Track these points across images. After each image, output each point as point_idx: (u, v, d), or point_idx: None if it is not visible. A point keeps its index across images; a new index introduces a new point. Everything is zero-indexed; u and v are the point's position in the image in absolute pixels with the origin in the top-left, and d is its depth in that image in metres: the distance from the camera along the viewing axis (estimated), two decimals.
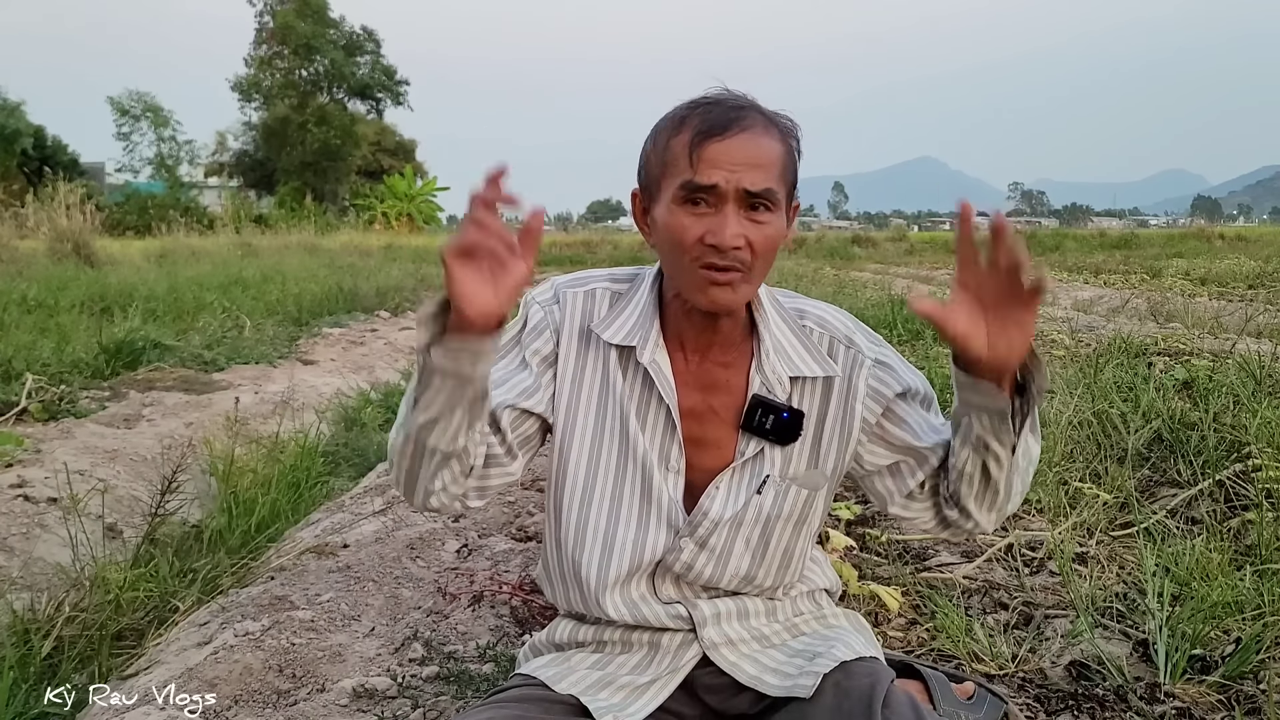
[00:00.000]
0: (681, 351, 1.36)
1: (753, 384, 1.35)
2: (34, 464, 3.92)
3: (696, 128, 1.23)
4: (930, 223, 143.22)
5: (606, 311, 1.38)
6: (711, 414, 1.36)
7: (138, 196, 35.56)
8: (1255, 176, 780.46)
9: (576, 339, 1.38)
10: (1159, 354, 5.44)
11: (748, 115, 1.24)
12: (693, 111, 1.26)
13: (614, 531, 1.37)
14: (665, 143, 1.27)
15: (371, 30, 53.26)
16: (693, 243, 1.23)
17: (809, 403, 1.36)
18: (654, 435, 1.36)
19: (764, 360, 1.35)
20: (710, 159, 1.22)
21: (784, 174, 1.26)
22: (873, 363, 1.37)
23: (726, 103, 1.26)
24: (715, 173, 1.21)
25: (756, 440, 1.35)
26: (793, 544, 1.41)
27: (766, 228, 1.23)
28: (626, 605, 1.38)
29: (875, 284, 12.23)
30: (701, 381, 1.36)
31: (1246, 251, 20.94)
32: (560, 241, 34.80)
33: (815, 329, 1.38)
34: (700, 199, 1.23)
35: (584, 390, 1.38)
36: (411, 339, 8.99)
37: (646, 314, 1.36)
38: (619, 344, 1.35)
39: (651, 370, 1.34)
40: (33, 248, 13.43)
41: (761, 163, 1.22)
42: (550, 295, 1.40)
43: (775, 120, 1.28)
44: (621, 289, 1.40)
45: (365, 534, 3.16)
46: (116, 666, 2.43)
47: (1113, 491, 3.15)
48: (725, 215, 1.22)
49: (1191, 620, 2.13)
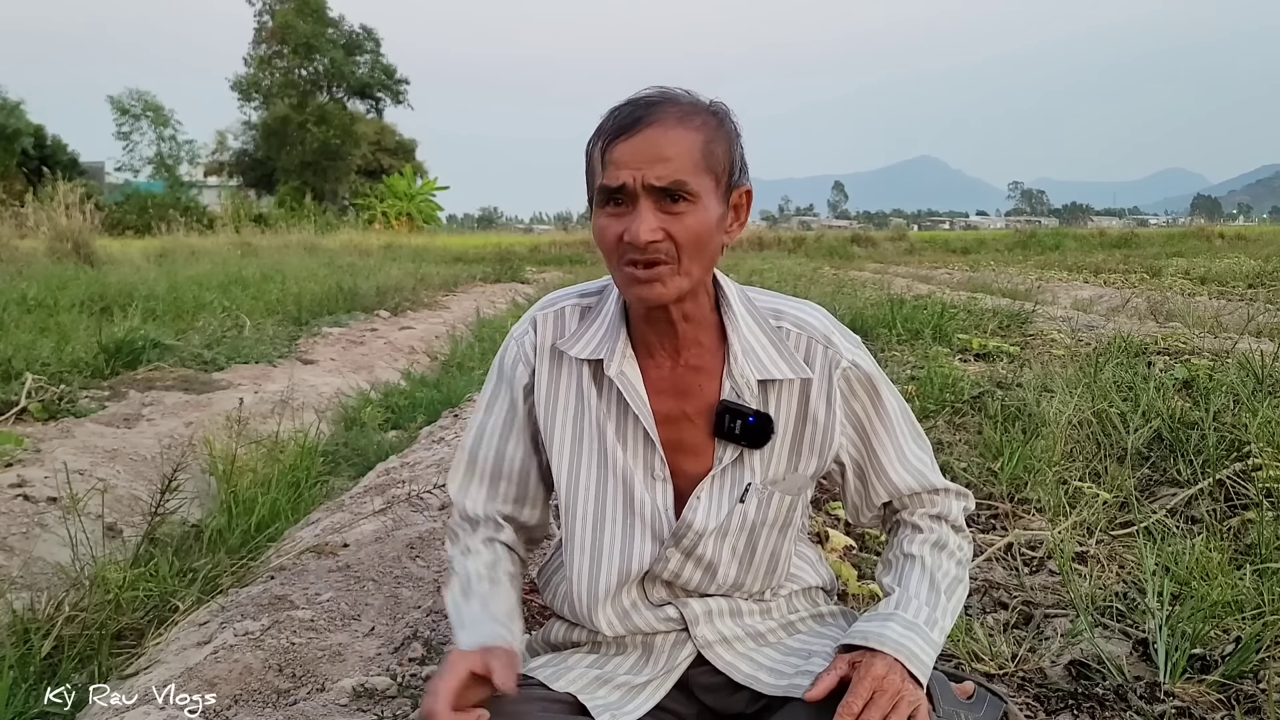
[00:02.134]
0: (652, 358, 1.36)
1: (723, 388, 1.35)
2: (34, 463, 3.92)
3: (606, 133, 1.25)
4: (930, 222, 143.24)
5: (576, 327, 1.39)
6: (686, 420, 1.36)
7: (137, 196, 35.60)
8: (1255, 175, 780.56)
9: (549, 360, 1.40)
10: (1159, 353, 5.45)
11: (658, 110, 1.24)
12: (608, 116, 1.27)
13: (600, 545, 1.37)
14: (588, 152, 1.29)
15: (371, 29, 53.35)
16: (613, 243, 1.25)
17: (784, 405, 1.36)
18: (633, 446, 1.36)
19: (733, 364, 1.34)
20: (616, 160, 1.22)
21: (703, 163, 1.24)
22: (849, 364, 1.37)
23: (640, 101, 1.26)
24: (622, 172, 1.22)
25: (733, 446, 1.35)
26: (779, 547, 1.41)
27: (685, 218, 1.23)
28: (619, 617, 1.39)
29: (875, 284, 12.23)
30: (675, 387, 1.36)
31: (1246, 250, 20.96)
32: (560, 241, 34.78)
33: (792, 330, 1.37)
34: (614, 200, 1.24)
35: (559, 409, 1.39)
36: (410, 338, 9.00)
37: (613, 325, 1.37)
38: (587, 358, 1.37)
39: (619, 382, 1.34)
40: (32, 247, 13.43)
41: (668, 155, 1.22)
42: (524, 327, 1.44)
43: (695, 110, 1.26)
44: (590, 303, 1.42)
45: (365, 533, 3.16)
46: (116, 666, 2.43)
47: (1113, 491, 3.15)
48: (639, 211, 1.22)
49: (1191, 619, 2.13)
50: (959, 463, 3.52)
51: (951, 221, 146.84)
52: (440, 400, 6.08)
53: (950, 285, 13.11)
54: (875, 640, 1.27)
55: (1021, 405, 4.09)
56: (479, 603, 1.36)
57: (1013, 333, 7.21)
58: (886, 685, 1.21)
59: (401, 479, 3.91)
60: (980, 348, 6.19)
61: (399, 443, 5.11)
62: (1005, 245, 31.00)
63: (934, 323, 7.00)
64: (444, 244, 29.91)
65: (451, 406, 5.83)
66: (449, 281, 15.21)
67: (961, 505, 1.48)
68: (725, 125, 1.28)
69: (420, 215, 46.02)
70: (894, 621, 1.30)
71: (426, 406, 5.97)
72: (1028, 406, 4.02)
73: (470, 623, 1.33)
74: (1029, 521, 3.06)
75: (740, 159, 1.30)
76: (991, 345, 6.20)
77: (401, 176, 47.89)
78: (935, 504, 1.46)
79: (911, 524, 1.45)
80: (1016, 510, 3.15)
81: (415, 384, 6.87)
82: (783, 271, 15.10)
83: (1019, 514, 3.12)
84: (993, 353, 6.06)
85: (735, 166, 1.29)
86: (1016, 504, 3.20)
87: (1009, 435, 3.65)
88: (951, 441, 3.90)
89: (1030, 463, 3.39)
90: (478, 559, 1.42)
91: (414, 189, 47.81)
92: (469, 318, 10.92)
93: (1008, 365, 5.57)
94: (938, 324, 6.97)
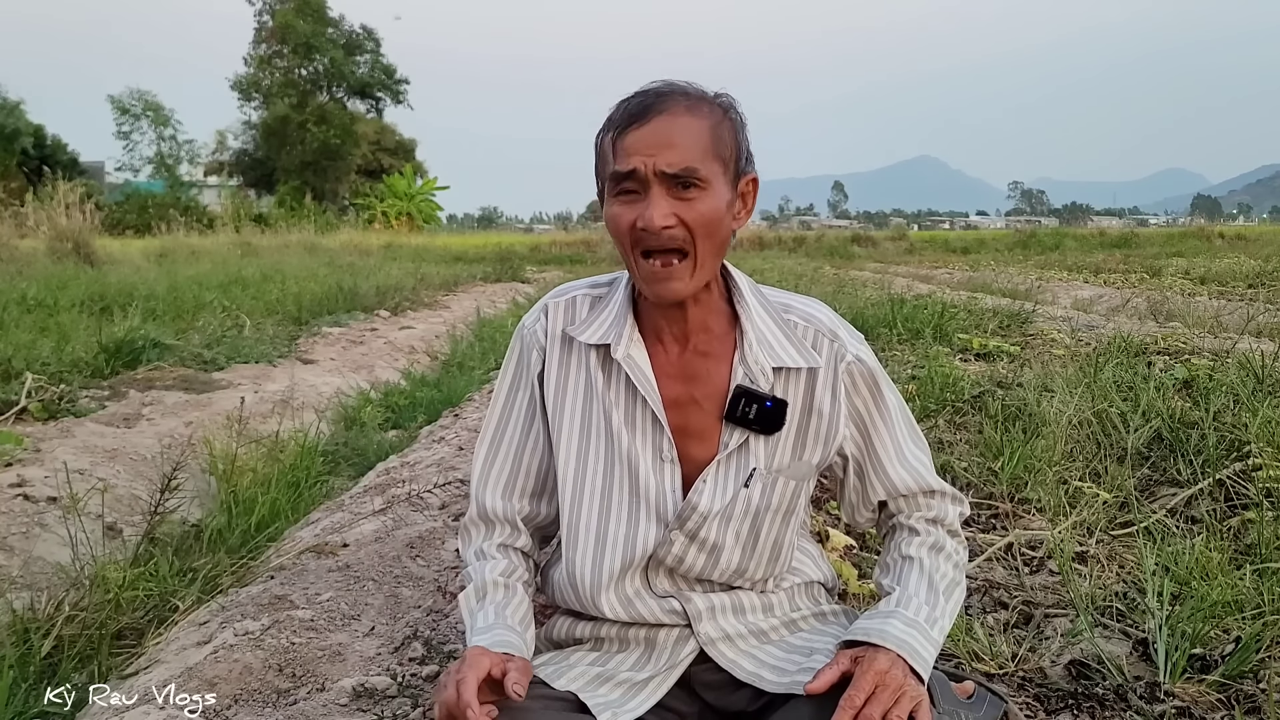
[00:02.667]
0: (661, 344, 1.38)
1: (736, 374, 1.36)
2: (34, 463, 3.92)
3: (617, 123, 1.28)
4: (930, 222, 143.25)
5: (586, 315, 1.42)
6: (694, 404, 1.38)
7: (138, 196, 35.60)
8: (1255, 175, 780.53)
9: (559, 346, 1.42)
10: (1159, 353, 5.45)
11: (666, 100, 1.27)
12: (618, 107, 1.29)
13: (605, 528, 1.38)
14: (598, 144, 1.32)
15: (371, 29, 53.33)
16: (627, 230, 1.27)
17: (793, 393, 1.38)
18: (641, 429, 1.37)
19: (747, 351, 1.36)
20: (628, 147, 1.25)
21: (712, 149, 1.27)
22: (854, 358, 1.40)
23: (649, 92, 1.29)
24: (633, 158, 1.25)
25: (740, 431, 1.36)
26: (781, 535, 1.42)
27: (697, 204, 1.26)
28: (621, 603, 1.39)
29: (875, 283, 12.23)
30: (684, 372, 1.38)
31: (1246, 250, 20.96)
32: (560, 241, 34.79)
33: (800, 322, 1.40)
34: (627, 188, 1.27)
35: (568, 394, 1.41)
36: (411, 338, 9.00)
37: (621, 312, 1.39)
38: (595, 343, 1.38)
39: (626, 365, 1.36)
40: (32, 247, 13.42)
41: (678, 142, 1.25)
42: (535, 315, 1.46)
43: (702, 99, 1.30)
44: (601, 293, 1.44)
45: (365, 533, 3.16)
46: (116, 666, 2.43)
47: (1113, 491, 3.15)
48: (651, 198, 1.25)
49: (1191, 619, 2.13)
50: (959, 462, 3.52)
51: (951, 221, 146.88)
52: (440, 400, 6.08)
53: (950, 285, 13.11)
54: (877, 636, 1.27)
55: (1022, 405, 4.08)
56: (494, 609, 1.37)
57: (1013, 332, 7.21)
58: (889, 680, 1.21)
59: (401, 479, 3.91)
60: (980, 347, 6.19)
61: (399, 442, 5.12)
62: (1005, 245, 31.01)
63: (934, 322, 7.00)
64: (444, 244, 29.93)
65: (452, 406, 5.84)
66: (449, 281, 15.22)
67: (958, 510, 1.49)
68: (731, 114, 1.31)
69: (420, 215, 46.01)
70: (895, 619, 1.31)
71: (426, 406, 5.98)
72: (1028, 406, 4.02)
73: (485, 628, 1.33)
74: (1029, 521, 3.06)
75: (746, 147, 1.33)
76: (992, 345, 6.20)
77: (401, 176, 47.88)
78: (932, 507, 1.46)
79: (909, 527, 1.46)
80: (1017, 510, 3.15)
81: (415, 384, 6.87)
82: (784, 271, 15.11)
83: (1019, 514, 3.12)
84: (993, 352, 6.06)
85: (742, 154, 1.32)
86: (1017, 504, 3.20)
87: (1009, 435, 3.65)
88: (952, 441, 3.90)
89: (1030, 462, 3.39)
90: (494, 565, 1.43)
91: (414, 189, 47.81)
92: (469, 317, 10.93)
93: (1008, 365, 5.57)
94: (938, 324, 6.97)
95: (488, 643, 1.29)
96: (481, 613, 1.37)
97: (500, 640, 1.30)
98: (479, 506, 1.48)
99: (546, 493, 1.48)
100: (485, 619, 1.35)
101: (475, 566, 1.44)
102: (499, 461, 1.47)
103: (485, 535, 1.48)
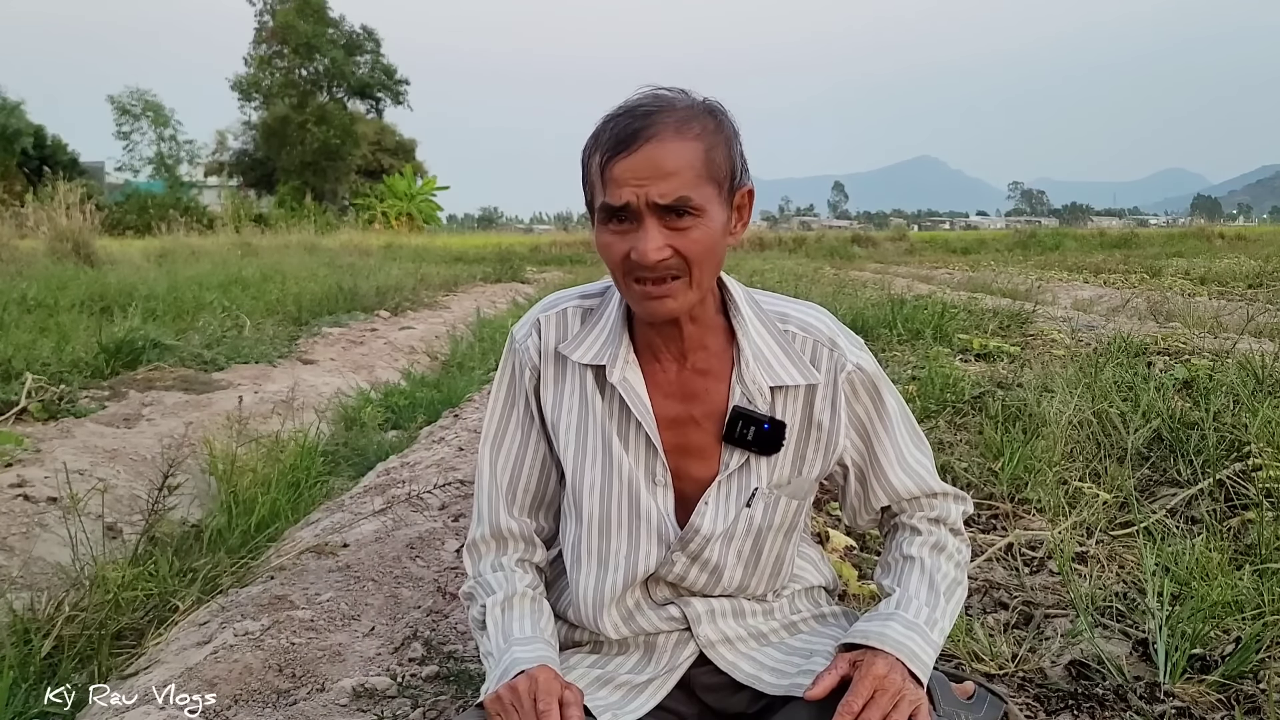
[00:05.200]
0: (658, 361, 1.35)
1: (733, 394, 1.34)
2: (34, 463, 3.92)
3: (604, 147, 1.22)
4: (930, 222, 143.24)
5: (578, 329, 1.38)
6: (693, 423, 1.35)
7: (138, 196, 35.61)
8: (1255, 176, 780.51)
9: (553, 363, 1.39)
10: (1159, 353, 5.45)
11: (655, 123, 1.20)
12: (604, 127, 1.24)
13: (606, 549, 1.37)
14: (586, 163, 1.26)
15: (371, 29, 53.35)
16: (620, 261, 1.23)
17: (791, 410, 1.36)
18: (636, 451, 1.35)
19: (744, 370, 1.33)
20: (618, 178, 1.20)
21: (705, 173, 1.22)
22: (854, 367, 1.37)
23: (636, 111, 1.22)
24: (624, 191, 1.20)
25: (740, 451, 1.34)
26: (783, 550, 1.41)
27: (692, 232, 1.21)
28: (623, 620, 1.39)
29: (875, 284, 12.23)
30: (682, 390, 1.35)
31: (1246, 251, 20.96)
32: (560, 241, 34.75)
33: (798, 333, 1.37)
34: (618, 218, 1.22)
35: (564, 413, 1.39)
36: (411, 338, 9.00)
37: (615, 329, 1.36)
38: (589, 364, 1.36)
39: (622, 389, 1.33)
40: (32, 247, 13.41)
41: (670, 171, 1.19)
42: (526, 330, 1.42)
43: (691, 116, 1.23)
44: (593, 304, 1.40)
45: (365, 534, 3.16)
46: (116, 666, 2.43)
47: (1113, 491, 3.15)
48: (645, 230, 1.20)
49: (1191, 620, 2.13)
50: (959, 463, 3.52)
51: (951, 222, 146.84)
52: (440, 400, 6.08)
53: (950, 285, 13.11)
54: (876, 639, 1.27)
55: (1022, 405, 4.08)
56: (529, 621, 1.36)
57: (1013, 333, 7.21)
58: (887, 684, 1.21)
59: (401, 479, 3.91)
60: (981, 348, 6.19)
61: (399, 443, 5.12)
62: (1005, 245, 30.98)
63: (934, 323, 6.99)
64: (444, 244, 29.91)
65: (452, 406, 5.84)
66: (449, 281, 15.21)
67: (960, 509, 1.48)
68: (724, 127, 1.26)
69: (420, 215, 46.02)
70: (894, 621, 1.30)
71: (426, 406, 5.98)
72: (1028, 407, 4.02)
73: (525, 640, 1.32)
74: (1029, 521, 3.06)
75: (740, 159, 1.29)
76: (992, 345, 6.20)
77: (401, 176, 47.89)
78: (934, 508, 1.46)
79: (910, 527, 1.45)
80: (1017, 510, 3.15)
81: (415, 384, 6.87)
82: (783, 272, 15.09)
83: (1019, 514, 3.12)
84: (993, 353, 6.06)
85: (736, 169, 1.27)
86: (1017, 504, 3.20)
87: (1009, 435, 3.65)
88: (952, 441, 3.90)
89: (1030, 463, 3.39)
90: (518, 578, 1.42)
91: (414, 189, 47.82)
92: (469, 318, 10.92)
93: (1008, 365, 5.57)
94: (938, 324, 6.97)
95: (533, 657, 1.28)
96: (518, 623, 1.35)
97: (541, 655, 1.29)
98: (493, 526, 1.44)
99: (551, 506, 1.47)
100: (523, 630, 1.34)
101: (493, 577, 1.42)
102: (506, 478, 1.44)
103: (499, 550, 1.45)
